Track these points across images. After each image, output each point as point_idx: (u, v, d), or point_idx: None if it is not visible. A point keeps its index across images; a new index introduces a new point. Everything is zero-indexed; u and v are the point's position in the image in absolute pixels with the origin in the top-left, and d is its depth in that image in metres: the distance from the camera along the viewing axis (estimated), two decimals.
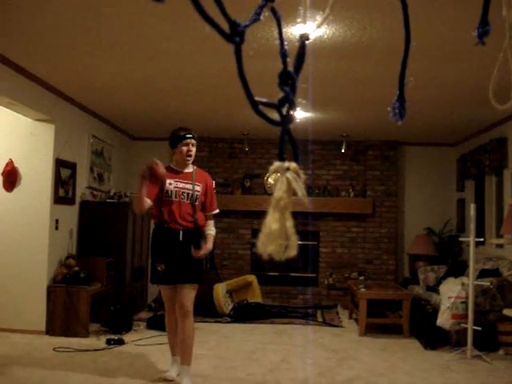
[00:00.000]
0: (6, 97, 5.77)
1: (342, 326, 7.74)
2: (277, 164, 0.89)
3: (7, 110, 6.34)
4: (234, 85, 6.09)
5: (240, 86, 0.92)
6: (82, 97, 7.18)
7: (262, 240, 0.86)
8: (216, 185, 9.79)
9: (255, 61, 4.82)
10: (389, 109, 1.12)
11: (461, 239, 7.80)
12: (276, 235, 0.85)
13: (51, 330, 6.65)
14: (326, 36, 4.54)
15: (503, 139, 7.68)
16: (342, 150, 9.41)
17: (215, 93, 6.69)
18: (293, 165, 0.89)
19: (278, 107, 0.89)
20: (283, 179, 0.89)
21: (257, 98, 0.86)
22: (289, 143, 0.93)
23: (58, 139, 6.89)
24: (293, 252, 0.88)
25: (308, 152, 9.47)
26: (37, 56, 5.41)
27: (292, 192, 0.89)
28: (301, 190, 0.88)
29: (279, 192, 0.88)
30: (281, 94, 0.90)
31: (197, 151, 9.70)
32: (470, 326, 6.01)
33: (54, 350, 5.95)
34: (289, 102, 0.87)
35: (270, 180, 9.80)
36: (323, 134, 9.19)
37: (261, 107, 0.89)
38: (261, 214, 9.48)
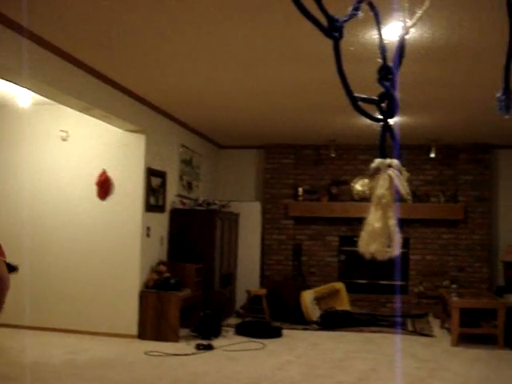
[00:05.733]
0: (100, 109, 5.99)
1: (433, 336, 7.52)
2: (378, 161, 0.87)
3: (100, 122, 6.58)
4: (321, 91, 6.10)
5: (328, 92, 0.91)
6: (172, 107, 7.36)
7: (365, 239, 0.84)
8: (302, 192, 9.78)
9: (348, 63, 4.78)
10: (495, 103, 1.07)
11: None
12: (379, 234, 0.82)
13: (143, 334, 6.82)
14: (413, 38, 4.44)
15: None
16: (432, 155, 9.16)
17: (301, 100, 6.68)
18: (395, 162, 0.87)
19: (378, 103, 0.87)
20: (385, 176, 0.86)
21: (356, 94, 0.84)
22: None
23: (148, 149, 7.09)
24: (396, 251, 0.85)
25: (396, 157, 9.28)
26: (128, 69, 5.59)
27: (394, 190, 0.86)
28: (403, 187, 0.85)
29: (381, 189, 0.85)
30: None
31: (283, 158, 9.87)
32: None
33: (145, 353, 6.10)
34: (389, 97, 0.84)
35: (358, 186, 9.67)
36: (411, 139, 8.99)
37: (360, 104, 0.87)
38: (348, 221, 9.40)
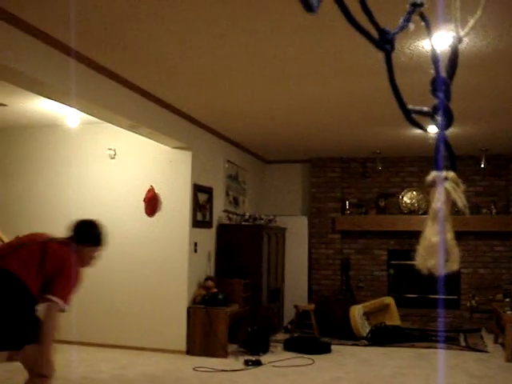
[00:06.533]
0: (146, 127, 6.07)
1: (486, 351, 7.32)
2: (434, 173, 0.85)
3: (147, 139, 6.68)
4: (366, 104, 6.06)
5: (373, 104, 0.89)
6: (217, 123, 7.41)
7: (422, 254, 0.82)
8: (349, 205, 9.71)
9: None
10: None
11: None
12: (436, 248, 0.80)
13: (191, 349, 6.84)
14: (463, 46, 4.37)
15: None
16: (482, 165, 8.98)
17: (347, 113, 6.65)
18: (451, 174, 0.84)
19: (431, 115, 0.85)
20: (442, 189, 0.84)
21: (410, 107, 0.83)
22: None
23: (194, 165, 7.15)
24: (455, 266, 0.83)
25: (452, 169, 9.12)
26: (173, 87, 5.66)
27: (451, 203, 0.84)
28: (461, 199, 0.83)
29: (438, 203, 0.83)
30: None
31: (329, 172, 9.82)
32: None
33: (193, 369, 6.10)
34: (444, 108, 0.82)
35: (406, 199, 9.54)
36: (460, 149, 8.82)
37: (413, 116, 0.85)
38: (397, 234, 9.27)
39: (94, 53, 4.67)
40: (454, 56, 0.86)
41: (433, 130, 0.89)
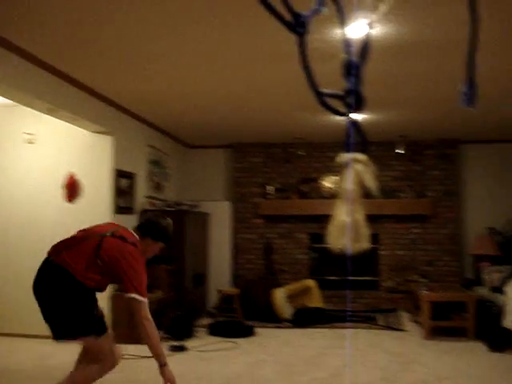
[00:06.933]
0: (65, 111, 5.91)
1: (404, 330, 7.60)
2: (345, 156, 0.87)
3: (67, 124, 6.51)
4: (287, 90, 6.11)
5: (294, 90, 0.91)
6: (139, 108, 7.30)
7: (333, 233, 0.84)
8: (272, 190, 9.81)
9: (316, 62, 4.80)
10: (459, 95, 1.08)
11: None
12: (347, 228, 0.83)
13: (115, 337, 6.74)
14: (379, 34, 4.47)
15: None
16: (400, 151, 9.26)
17: (269, 98, 6.69)
18: (362, 156, 0.87)
19: (343, 98, 0.87)
20: (352, 171, 0.86)
21: (322, 90, 0.84)
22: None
23: (116, 150, 7.03)
24: (365, 244, 0.86)
25: (363, 152, 9.35)
26: (93, 70, 5.53)
27: (362, 184, 0.86)
28: (371, 181, 0.86)
29: (348, 184, 0.86)
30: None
31: (252, 157, 9.88)
32: None
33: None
34: (355, 92, 0.85)
35: (327, 184, 9.72)
36: (379, 135, 9.07)
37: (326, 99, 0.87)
38: (318, 218, 9.44)
39: (9, 33, 4.49)
40: (366, 41, 0.88)
41: (349, 114, 0.92)
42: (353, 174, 0.86)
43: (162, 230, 3.95)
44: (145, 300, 3.65)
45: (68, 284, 3.56)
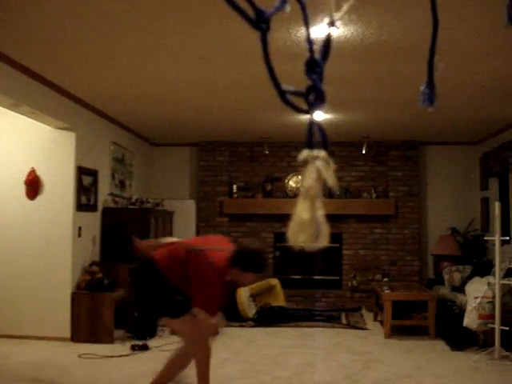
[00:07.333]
0: (28, 106, 5.81)
1: (366, 329, 7.68)
2: (306, 152, 0.87)
3: (28, 119, 6.40)
4: (253, 89, 6.11)
5: (260, 89, 0.91)
6: (102, 104, 7.22)
7: (293, 230, 0.84)
8: (237, 189, 9.81)
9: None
10: (419, 95, 1.09)
11: (486, 238, 7.70)
12: (307, 224, 0.83)
13: (76, 336, 6.68)
14: (343, 37, 4.50)
15: None
16: (363, 151, 9.36)
17: (234, 97, 6.69)
18: (322, 153, 0.87)
19: (305, 95, 0.87)
20: (313, 168, 0.86)
21: (284, 87, 0.84)
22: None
23: (79, 147, 6.93)
24: (324, 241, 0.86)
25: (323, 149, 9.43)
26: (57, 65, 5.45)
27: (322, 181, 0.86)
28: (331, 178, 0.86)
29: (309, 181, 0.86)
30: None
31: (217, 156, 9.86)
32: (497, 326, 5.92)
33: (79, 356, 5.97)
34: (316, 89, 0.85)
35: (291, 183, 9.77)
36: (343, 136, 9.15)
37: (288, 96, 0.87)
38: (282, 218, 9.46)
39: None
40: (328, 39, 0.89)
41: (314, 112, 0.92)
42: (313, 170, 0.86)
43: (250, 260, 4.01)
44: (208, 318, 3.90)
45: (154, 277, 4.18)
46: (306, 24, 0.87)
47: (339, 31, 4.38)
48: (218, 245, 4.17)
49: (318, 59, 0.85)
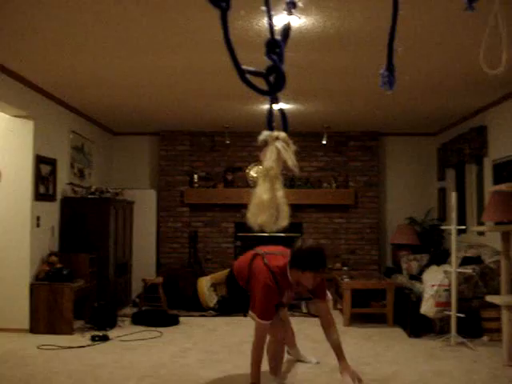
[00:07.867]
0: None
1: None
2: (266, 133, 0.87)
3: None
4: (214, 78, 6.09)
5: (221, 78, 0.90)
6: (62, 92, 7.10)
7: (253, 211, 0.84)
8: (198, 178, 9.78)
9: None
10: (379, 78, 1.10)
11: (443, 228, 7.85)
12: (267, 205, 0.83)
13: (35, 328, 6.59)
14: (304, 26, 4.52)
15: (482, 128, 7.73)
16: (324, 142, 9.41)
17: (195, 86, 6.65)
18: (282, 134, 0.87)
19: (265, 76, 0.87)
20: (273, 149, 0.86)
21: (244, 67, 0.84)
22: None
23: (37, 135, 6.81)
24: (284, 222, 0.86)
25: (284, 130, 9.46)
26: (15, 52, 5.33)
27: (282, 162, 0.87)
28: (291, 159, 0.86)
29: (269, 162, 0.86)
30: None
31: (178, 145, 9.80)
32: (453, 314, 6.05)
33: (38, 347, 5.89)
34: (276, 70, 0.85)
35: (252, 173, 9.78)
36: (304, 126, 9.19)
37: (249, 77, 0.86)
38: (243, 207, 9.44)
39: None
40: (287, 26, 0.89)
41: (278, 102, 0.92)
42: (273, 151, 0.86)
43: (305, 258, 4.10)
44: (262, 322, 4.31)
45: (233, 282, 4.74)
46: (267, 5, 0.87)
47: (300, 21, 4.38)
48: (281, 252, 4.42)
49: (278, 40, 0.85)
